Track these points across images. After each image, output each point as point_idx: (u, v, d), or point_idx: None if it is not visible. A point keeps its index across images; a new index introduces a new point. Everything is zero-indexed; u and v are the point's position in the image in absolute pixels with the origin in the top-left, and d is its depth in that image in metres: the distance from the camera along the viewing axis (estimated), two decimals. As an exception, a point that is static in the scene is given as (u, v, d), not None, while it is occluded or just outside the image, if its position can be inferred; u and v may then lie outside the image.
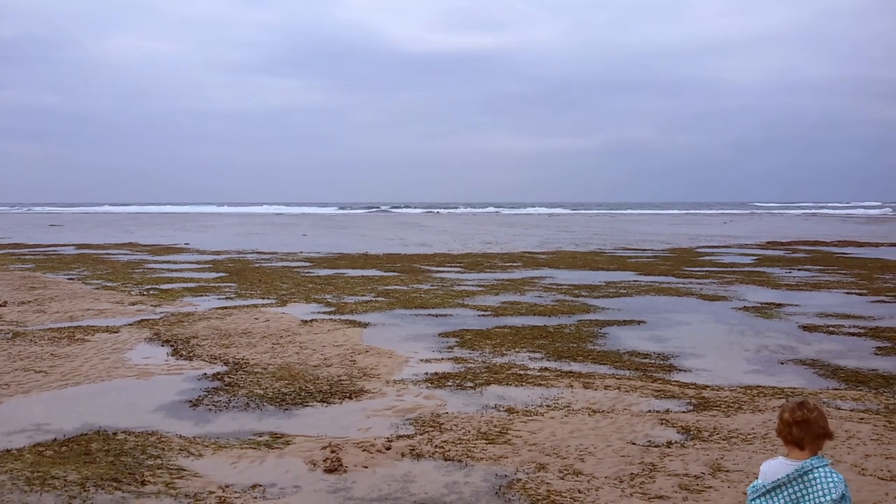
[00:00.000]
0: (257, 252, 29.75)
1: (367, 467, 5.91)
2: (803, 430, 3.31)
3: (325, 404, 7.73)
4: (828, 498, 3.22)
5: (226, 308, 14.07)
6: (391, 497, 5.34)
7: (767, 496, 3.36)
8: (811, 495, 3.25)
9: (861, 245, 35.64)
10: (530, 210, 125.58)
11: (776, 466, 3.38)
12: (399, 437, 6.64)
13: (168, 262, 25.32)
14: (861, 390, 8.31)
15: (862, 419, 7.09)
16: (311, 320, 12.60)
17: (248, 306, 14.30)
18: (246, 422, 7.16)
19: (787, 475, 3.31)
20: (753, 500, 3.42)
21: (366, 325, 12.33)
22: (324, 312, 13.63)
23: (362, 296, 15.99)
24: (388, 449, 6.30)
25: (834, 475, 3.28)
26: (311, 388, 8.30)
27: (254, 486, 5.52)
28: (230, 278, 19.59)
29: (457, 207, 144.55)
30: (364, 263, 24.44)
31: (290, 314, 13.33)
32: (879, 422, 7.04)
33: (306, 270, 21.97)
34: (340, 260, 25.92)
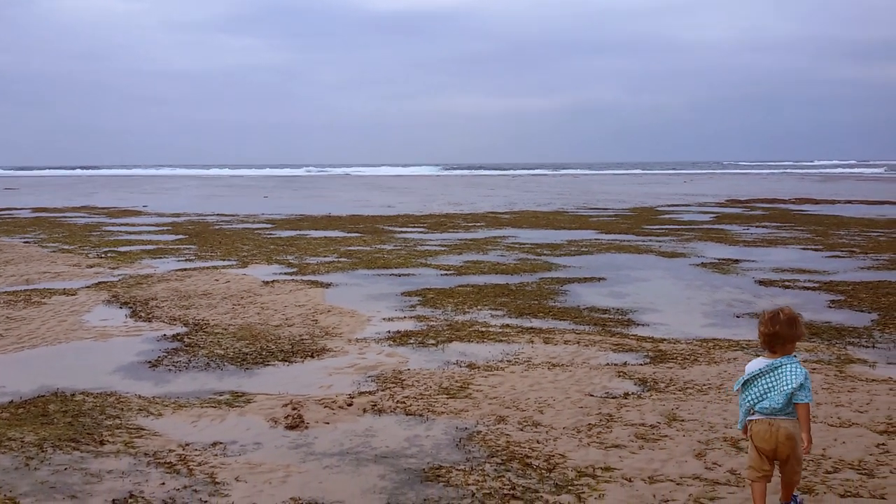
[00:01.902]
0: (217, 214, 29.40)
1: (328, 423, 5.94)
2: (773, 339, 4.26)
3: (287, 363, 7.72)
4: (790, 386, 4.16)
5: (185, 270, 13.92)
6: (352, 451, 5.38)
7: (749, 384, 4.32)
8: (780, 383, 4.20)
9: (818, 202, 36.29)
10: (496, 171, 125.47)
11: (756, 363, 4.34)
12: (361, 393, 6.68)
13: (126, 224, 24.93)
14: (814, 342, 8.52)
15: (814, 369, 7.27)
16: (273, 281, 12.53)
17: (208, 268, 14.17)
18: (206, 381, 7.14)
19: (761, 369, 4.27)
20: (739, 388, 4.38)
21: (328, 285, 12.29)
22: (285, 273, 13.56)
23: (325, 257, 15.92)
24: (350, 405, 6.33)
25: (798, 368, 4.20)
26: (273, 347, 8.28)
27: (214, 444, 5.52)
28: (190, 240, 19.36)
29: (421, 166, 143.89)
30: (327, 225, 24.30)
31: (252, 275, 13.24)
32: (831, 371, 7.23)
33: (268, 232, 21.79)
34: (303, 221, 25.74)
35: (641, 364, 7.55)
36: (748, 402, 4.30)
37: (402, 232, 21.81)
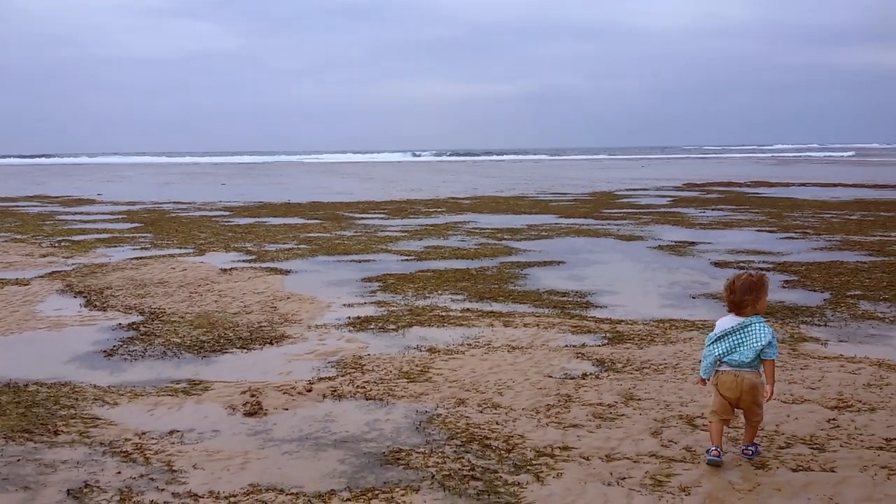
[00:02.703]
0: (174, 202, 28.98)
1: (287, 409, 5.91)
2: (738, 304, 4.76)
3: (245, 350, 7.66)
4: (759, 343, 4.68)
5: (141, 258, 13.70)
6: (312, 437, 5.36)
7: (719, 341, 4.78)
8: (748, 340, 4.70)
9: (772, 185, 36.95)
10: (458, 157, 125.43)
11: (726, 321, 4.80)
12: (320, 379, 6.65)
13: (80, 213, 24.44)
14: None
15: (766, 347, 7.41)
16: (231, 269, 12.40)
17: (164, 256, 13.97)
18: (163, 370, 7.05)
19: (732, 327, 4.74)
20: (709, 344, 4.83)
21: (287, 272, 12.20)
22: (244, 261, 13.42)
23: (284, 243, 15.79)
24: (310, 391, 6.30)
25: (765, 328, 4.72)
26: (231, 335, 8.20)
27: (171, 432, 5.45)
28: (145, 228, 19.06)
29: (383, 153, 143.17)
30: (286, 212, 24.09)
31: (209, 263, 13.08)
32: (784, 349, 7.38)
33: (225, 219, 21.54)
34: (261, 209, 25.48)
35: (599, 345, 7.63)
36: (717, 354, 4.78)
37: (362, 218, 21.71)
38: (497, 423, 5.51)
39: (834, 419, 5.51)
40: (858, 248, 14.30)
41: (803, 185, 36.97)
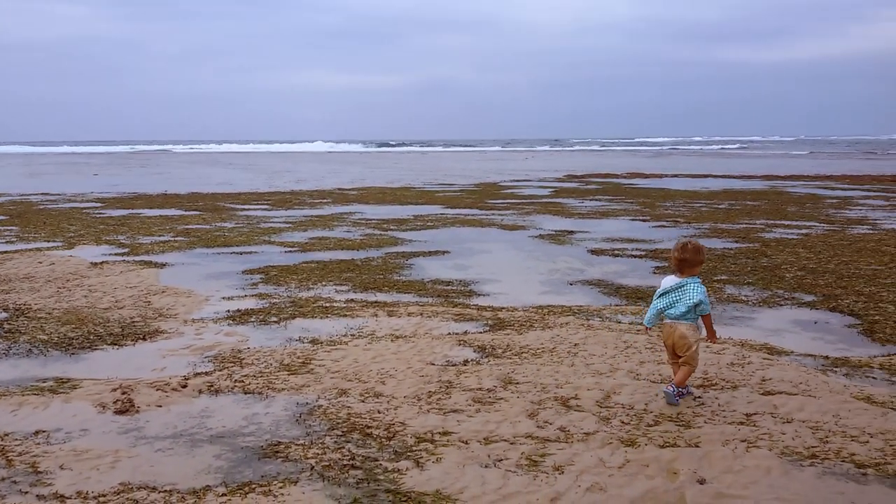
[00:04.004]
0: (43, 193, 27.46)
1: (161, 406, 5.72)
2: (682, 263, 5.62)
3: (117, 347, 7.36)
4: (691, 301, 5.54)
5: (5, 252, 12.92)
6: (187, 433, 5.21)
7: (661, 297, 5.69)
8: (684, 297, 5.57)
9: (647, 176, 38.47)
10: (345, 147, 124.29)
11: (669, 280, 5.71)
12: (197, 374, 6.47)
13: (-64, 206, 22.80)
14: (640, 305, 9.06)
15: (639, 331, 7.74)
16: (102, 262, 11.87)
17: (30, 250, 13.22)
18: (28, 368, 6.68)
19: (672, 285, 5.64)
20: (655, 299, 5.74)
21: (163, 265, 11.79)
22: (116, 254, 12.87)
23: (160, 236, 15.24)
24: (185, 387, 6.12)
25: (699, 287, 5.57)
26: (101, 331, 7.86)
27: (37, 433, 5.19)
28: (11, 221, 17.97)
29: (271, 144, 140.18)
30: (163, 203, 23.25)
31: (79, 257, 12.48)
32: (654, 332, 7.70)
33: (97, 211, 20.58)
34: (136, 200, 24.49)
35: (481, 332, 7.76)
36: (659, 307, 5.69)
37: (244, 209, 21.22)
38: (379, 412, 5.52)
39: (699, 397, 5.81)
40: (725, 236, 15.09)
41: (675, 176, 38.67)
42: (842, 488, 4.36)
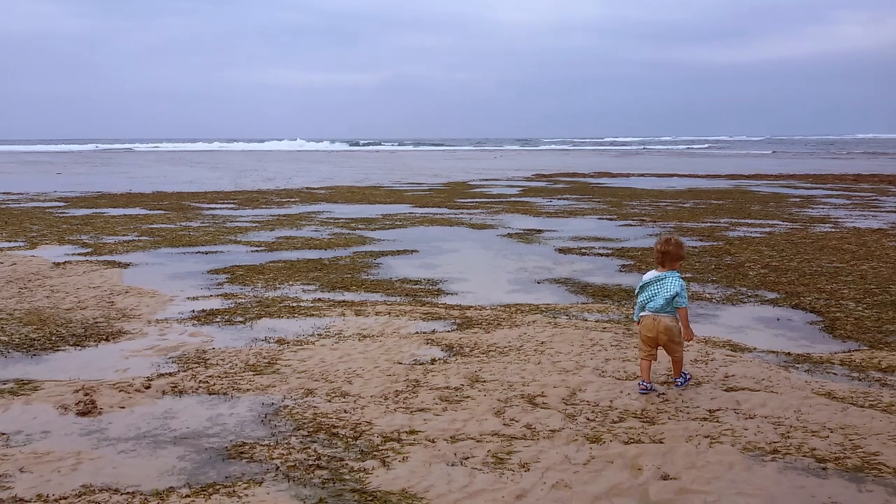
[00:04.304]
0: (4, 192, 26.96)
1: (124, 407, 5.64)
2: (664, 257, 5.86)
3: (79, 348, 7.24)
4: (669, 293, 5.75)
5: (-37, 253, 12.66)
6: (150, 434, 5.15)
7: (642, 290, 5.90)
8: (663, 290, 5.79)
9: (614, 175, 38.79)
10: (314, 146, 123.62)
11: (650, 274, 5.93)
12: (160, 375, 6.39)
13: None
14: (606, 303, 9.13)
15: (605, 328, 7.80)
16: (65, 262, 11.68)
17: (-10, 250, 12.97)
18: (-14, 371, 6.55)
19: (651, 279, 5.86)
20: (637, 293, 5.97)
21: (127, 265, 11.63)
22: (79, 254, 12.68)
23: (124, 235, 15.04)
24: (148, 388, 6.05)
25: (677, 280, 5.79)
26: (63, 332, 7.74)
27: (-6, 437, 5.09)
28: (-30, 221, 17.62)
29: (238, 142, 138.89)
30: (127, 202, 22.94)
31: (41, 256, 12.27)
32: (619, 330, 7.78)
33: (60, 211, 20.25)
34: (100, 199, 24.14)
35: (449, 331, 7.76)
36: (640, 301, 5.91)
37: (210, 208, 21.01)
38: (345, 412, 5.50)
39: (664, 394, 5.86)
40: (690, 234, 15.26)
41: (642, 175, 39.03)
42: (802, 482, 4.43)
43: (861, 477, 4.49)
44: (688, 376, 6.04)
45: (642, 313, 5.92)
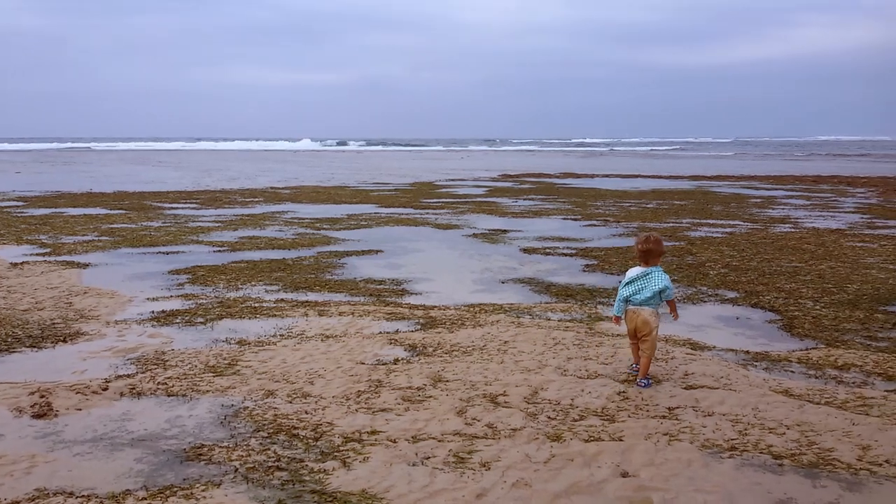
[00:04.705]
0: (-41, 192, 26.38)
1: (80, 410, 5.55)
2: (647, 254, 6.12)
3: (36, 349, 7.10)
4: (657, 287, 6.01)
5: (-84, 253, 12.36)
6: (107, 437, 5.07)
7: (628, 285, 6.11)
8: (650, 284, 6.03)
9: (579, 176, 39.06)
10: (282, 145, 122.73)
11: (635, 270, 6.16)
12: (118, 377, 6.29)
13: None
14: (569, 303, 9.18)
15: (567, 328, 7.84)
16: (22, 263, 11.46)
17: (-56, 250, 12.67)
18: (-63, 374, 6.39)
19: (638, 274, 6.10)
20: (621, 288, 6.17)
21: (86, 265, 11.44)
22: (37, 254, 12.44)
23: (83, 235, 14.79)
24: (105, 389, 5.95)
25: (663, 276, 6.07)
26: (20, 333, 7.58)
27: (-56, 441, 4.97)
28: (-77, 221, 17.21)
29: (201, 141, 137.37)
30: (88, 202, 22.57)
31: (-3, 257, 12.02)
32: (582, 329, 7.83)
33: (18, 210, 19.87)
34: (60, 198, 23.71)
35: (412, 331, 7.75)
36: (625, 295, 6.12)
37: (172, 208, 20.76)
38: (306, 413, 5.46)
39: (624, 392, 5.91)
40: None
41: (607, 176, 39.36)
42: (759, 479, 4.49)
43: (816, 473, 4.56)
44: (650, 381, 6.14)
45: (627, 307, 6.16)
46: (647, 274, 6.08)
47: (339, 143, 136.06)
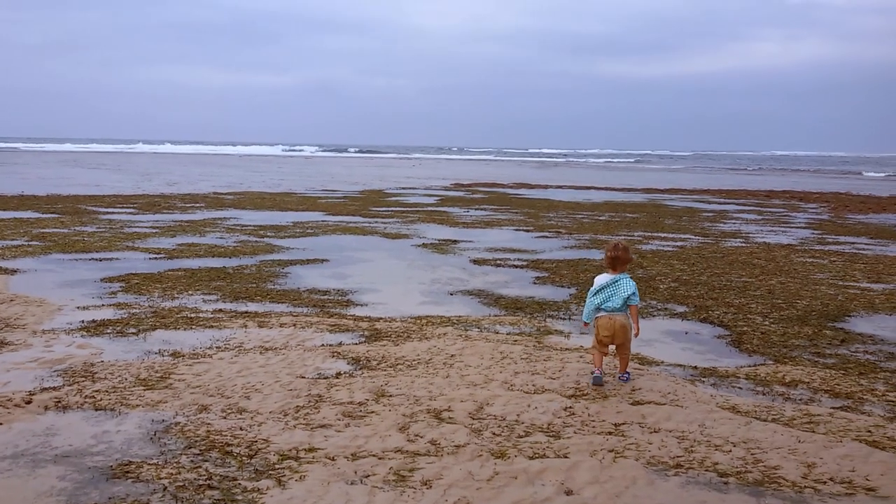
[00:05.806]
0: None
1: (1, 424, 5.22)
2: (615, 261, 6.34)
3: (-45, 360, 6.71)
4: (626, 293, 6.23)
5: None
6: (29, 453, 4.76)
7: (598, 293, 6.30)
8: (619, 290, 6.25)
9: (533, 187, 39.22)
10: (227, 150, 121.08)
11: (603, 277, 6.37)
12: (43, 389, 5.96)
13: None
14: (518, 315, 9.07)
15: (516, 341, 7.72)
16: (-53, 267, 10.93)
17: None
18: None
19: (607, 281, 6.30)
20: (591, 296, 6.35)
21: (13, 271, 10.96)
22: (-35, 259, 11.90)
23: (12, 240, 14.21)
24: (29, 403, 5.62)
25: (630, 282, 6.29)
26: (-62, 342, 7.16)
27: None
28: None
29: (136, 144, 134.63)
30: (18, 205, 21.78)
31: (-79, 261, 11.45)
32: (530, 342, 7.71)
33: (-51, 213, 19.08)
34: (-7, 201, 22.88)
35: (356, 343, 7.54)
36: (597, 303, 6.29)
37: (107, 212, 20.16)
38: (241, 429, 5.22)
39: (570, 407, 5.80)
40: (605, 247, 15.41)
41: (560, 187, 39.59)
42: (704, 497, 4.40)
43: (761, 491, 4.50)
44: (630, 375, 6.47)
45: (598, 314, 6.31)
46: (616, 281, 6.28)
47: (287, 147, 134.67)
